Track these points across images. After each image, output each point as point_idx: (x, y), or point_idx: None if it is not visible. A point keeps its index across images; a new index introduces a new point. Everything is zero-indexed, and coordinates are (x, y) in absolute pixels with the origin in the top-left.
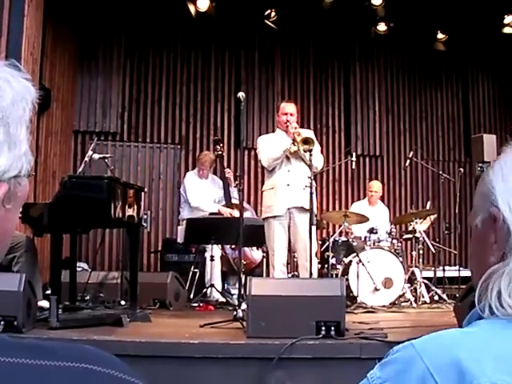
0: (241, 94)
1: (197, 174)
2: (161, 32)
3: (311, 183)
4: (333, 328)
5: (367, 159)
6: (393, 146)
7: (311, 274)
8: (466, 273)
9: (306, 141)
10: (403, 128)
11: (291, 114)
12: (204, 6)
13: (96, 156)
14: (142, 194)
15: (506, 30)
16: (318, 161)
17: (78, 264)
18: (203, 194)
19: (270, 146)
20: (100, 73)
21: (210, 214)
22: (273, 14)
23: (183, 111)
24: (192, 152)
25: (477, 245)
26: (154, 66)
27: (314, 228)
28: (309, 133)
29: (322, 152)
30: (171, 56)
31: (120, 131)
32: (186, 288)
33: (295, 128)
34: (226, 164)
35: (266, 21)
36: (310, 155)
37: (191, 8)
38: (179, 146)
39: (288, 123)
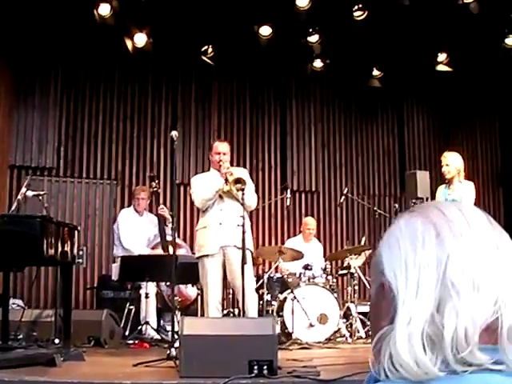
0: (174, 133)
1: (132, 210)
2: (97, 67)
3: (244, 222)
4: (265, 367)
5: (303, 195)
6: (329, 182)
7: (244, 312)
8: None
9: (238, 181)
10: (339, 163)
11: (224, 154)
12: (141, 42)
13: (30, 193)
14: (76, 232)
15: (440, 67)
16: (251, 200)
17: (13, 301)
18: (137, 232)
19: (202, 187)
20: (36, 107)
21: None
22: (210, 49)
23: (119, 147)
24: (128, 188)
25: (372, 311)
26: (91, 101)
27: (249, 265)
28: (242, 172)
29: (257, 188)
30: (108, 91)
31: (56, 166)
32: (122, 325)
33: (227, 168)
34: (161, 201)
35: (203, 57)
36: (243, 194)
37: (128, 43)
38: (115, 182)
39: (221, 163)
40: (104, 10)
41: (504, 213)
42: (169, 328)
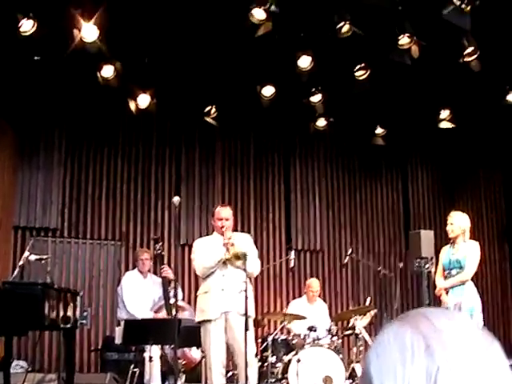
0: (175, 199)
1: (136, 272)
2: (101, 128)
3: (246, 287)
4: None
5: (308, 254)
6: (333, 241)
7: (247, 378)
8: None
9: (238, 257)
10: (343, 222)
11: (226, 219)
12: (145, 103)
13: (33, 257)
14: (78, 297)
15: (443, 124)
16: (254, 267)
17: (17, 362)
18: (141, 295)
19: (204, 254)
20: (41, 168)
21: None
22: (213, 110)
23: (124, 208)
24: (132, 249)
25: None
26: (95, 162)
27: (251, 331)
28: (245, 239)
29: (262, 247)
30: (112, 152)
31: (60, 227)
32: None
33: (229, 238)
34: (166, 261)
35: (206, 117)
36: (245, 261)
37: (132, 105)
38: (119, 243)
39: (223, 229)
40: (107, 71)
41: (510, 269)
42: None
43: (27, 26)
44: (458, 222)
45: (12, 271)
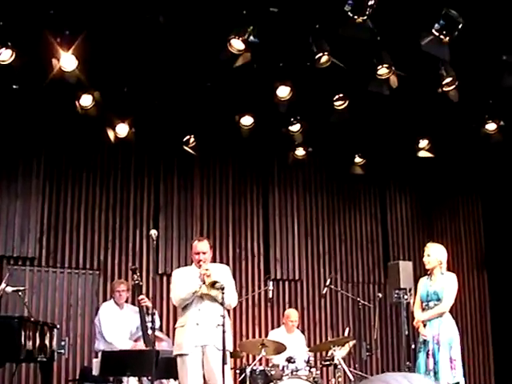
0: (152, 232)
1: (113, 304)
2: (80, 156)
3: (224, 322)
4: None
5: (286, 283)
6: (312, 270)
7: None
8: None
9: (214, 284)
10: (322, 251)
11: (203, 253)
12: (123, 132)
13: (9, 289)
14: (55, 330)
15: (421, 153)
16: (231, 299)
17: None
18: (119, 326)
19: (181, 285)
20: (19, 196)
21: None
22: (191, 139)
23: (102, 237)
24: (110, 278)
25: None
26: (73, 190)
27: (228, 366)
28: (222, 270)
29: (240, 277)
30: (90, 180)
31: (38, 256)
32: None
33: (206, 269)
34: (144, 291)
35: (185, 147)
36: (223, 293)
37: (110, 134)
38: (97, 272)
39: (200, 262)
40: (86, 101)
41: (489, 296)
42: None
43: (5, 56)
44: (435, 253)
45: None
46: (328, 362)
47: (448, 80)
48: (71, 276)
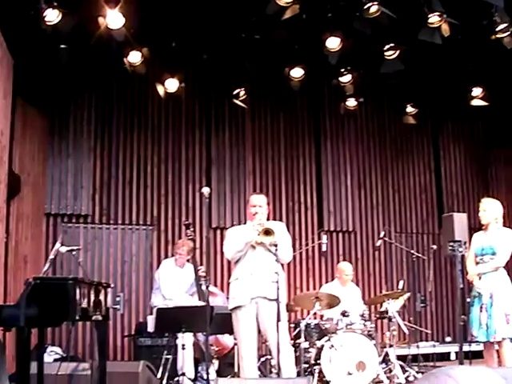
0: (205, 190)
1: (173, 263)
2: (130, 113)
3: (278, 279)
4: None
5: (340, 235)
6: (366, 221)
7: (279, 367)
8: (441, 349)
9: (267, 232)
10: (376, 202)
11: (260, 206)
12: (173, 87)
13: (63, 249)
14: (109, 289)
15: (475, 102)
16: (286, 254)
17: (52, 348)
18: (177, 284)
19: (234, 238)
20: (70, 155)
21: None
22: (242, 93)
23: (154, 192)
24: (164, 233)
25: None
26: (125, 147)
27: (284, 318)
28: (278, 226)
29: (294, 229)
30: (141, 137)
31: (91, 213)
32: (159, 375)
33: (260, 220)
34: (198, 246)
35: (236, 100)
36: (276, 249)
37: (160, 89)
38: (151, 227)
39: (256, 215)
40: (134, 57)
41: None
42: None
43: (52, 16)
44: (491, 209)
45: (44, 258)
46: (382, 315)
47: (502, 26)
48: (125, 232)
